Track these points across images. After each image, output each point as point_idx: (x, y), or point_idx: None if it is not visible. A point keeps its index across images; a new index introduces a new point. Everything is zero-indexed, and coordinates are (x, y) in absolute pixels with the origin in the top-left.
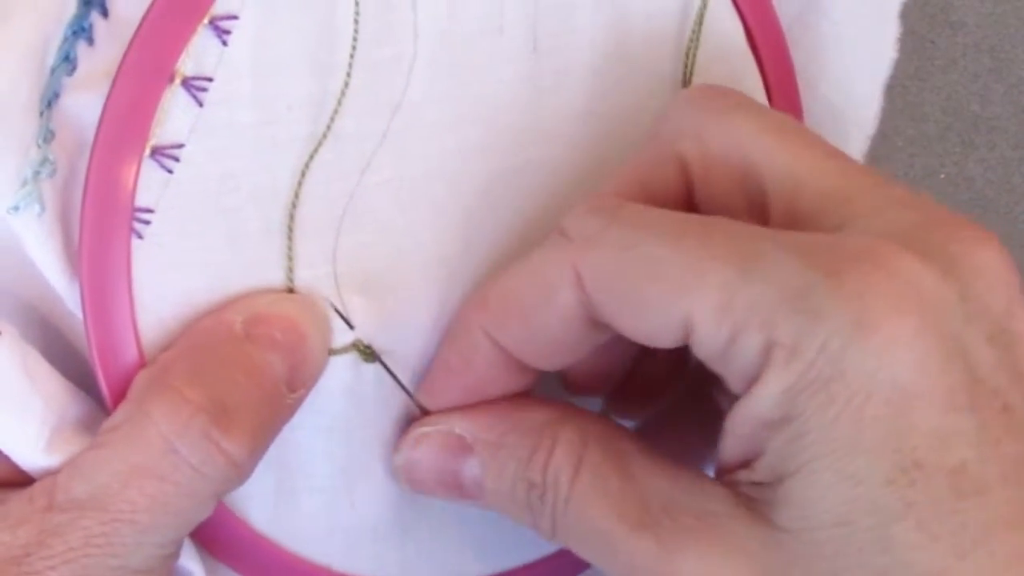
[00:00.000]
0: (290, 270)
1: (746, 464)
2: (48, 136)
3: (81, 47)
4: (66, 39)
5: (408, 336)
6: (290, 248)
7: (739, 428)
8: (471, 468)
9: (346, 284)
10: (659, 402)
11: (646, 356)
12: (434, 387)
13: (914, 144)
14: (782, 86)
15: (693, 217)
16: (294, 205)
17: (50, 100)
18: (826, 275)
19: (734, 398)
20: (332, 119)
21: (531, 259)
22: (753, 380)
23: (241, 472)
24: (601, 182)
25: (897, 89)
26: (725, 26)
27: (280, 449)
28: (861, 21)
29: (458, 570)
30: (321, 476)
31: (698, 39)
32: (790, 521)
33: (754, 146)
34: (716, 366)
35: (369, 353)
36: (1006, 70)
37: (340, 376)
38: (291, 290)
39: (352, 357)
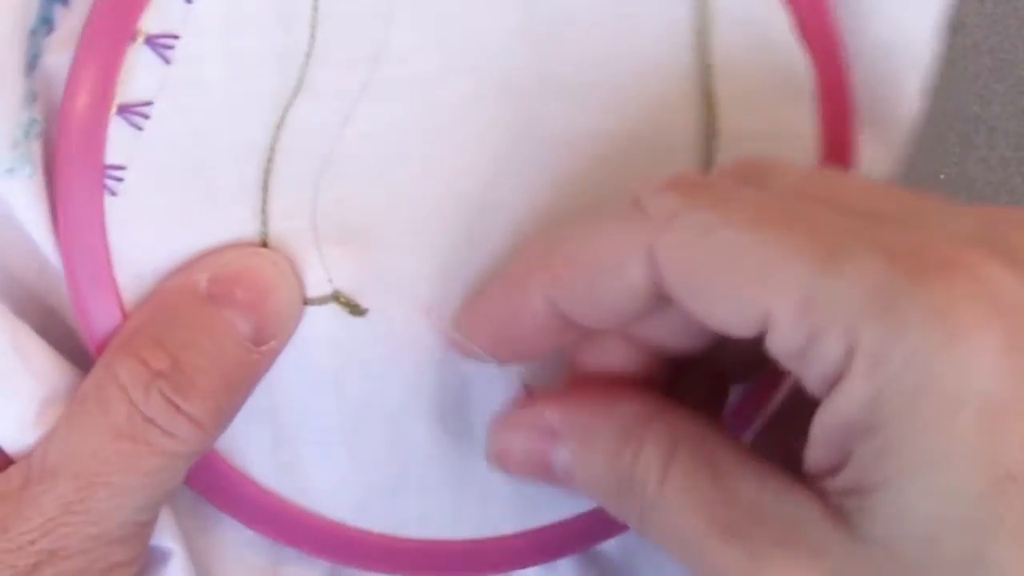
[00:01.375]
0: (264, 223)
1: (834, 471)
2: (33, 97)
3: (58, 8)
4: (43, 1)
5: (395, 288)
6: (264, 202)
7: (824, 433)
8: (561, 454)
9: (326, 236)
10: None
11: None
12: (470, 323)
13: (914, 144)
14: (816, 22)
15: (777, 201)
16: (269, 160)
17: (32, 61)
18: (912, 280)
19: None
20: (303, 72)
21: (603, 227)
22: (833, 384)
23: (208, 432)
24: (600, 136)
25: None
26: None
27: (273, 402)
28: None
29: (485, 526)
30: (315, 429)
31: None
32: (876, 533)
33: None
34: (793, 365)
35: (353, 306)
36: (1006, 70)
37: (323, 328)
38: (265, 244)
39: (334, 308)
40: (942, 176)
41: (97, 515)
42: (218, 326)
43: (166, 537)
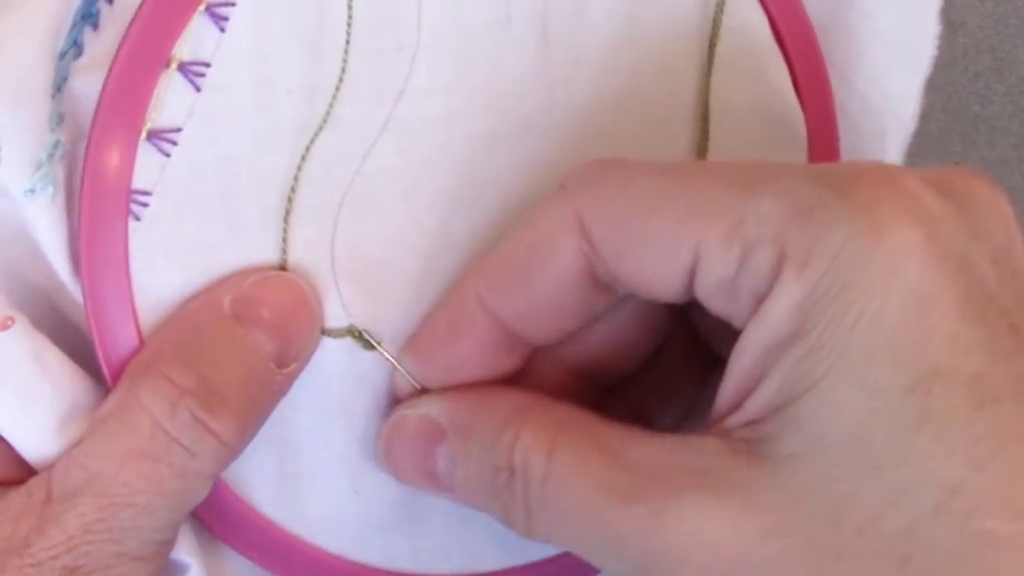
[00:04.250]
0: (284, 253)
1: (738, 405)
2: (59, 119)
3: (88, 32)
4: (75, 24)
5: (407, 324)
6: (285, 232)
7: (745, 358)
8: (444, 456)
9: (343, 269)
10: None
11: (654, 360)
12: (418, 353)
13: (914, 144)
14: (812, 80)
15: (690, 161)
16: (292, 189)
17: (60, 84)
18: (834, 189)
19: (733, 343)
20: (331, 105)
21: (530, 215)
22: (762, 301)
23: (232, 451)
24: None
25: None
26: (748, 18)
27: (281, 430)
28: (897, 14)
29: (474, 563)
30: (322, 460)
31: (719, 30)
32: (798, 446)
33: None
34: (722, 299)
35: (366, 340)
36: (1006, 70)
37: (337, 360)
38: (284, 269)
39: (349, 343)
40: None
41: (119, 534)
42: (245, 345)
43: (183, 551)
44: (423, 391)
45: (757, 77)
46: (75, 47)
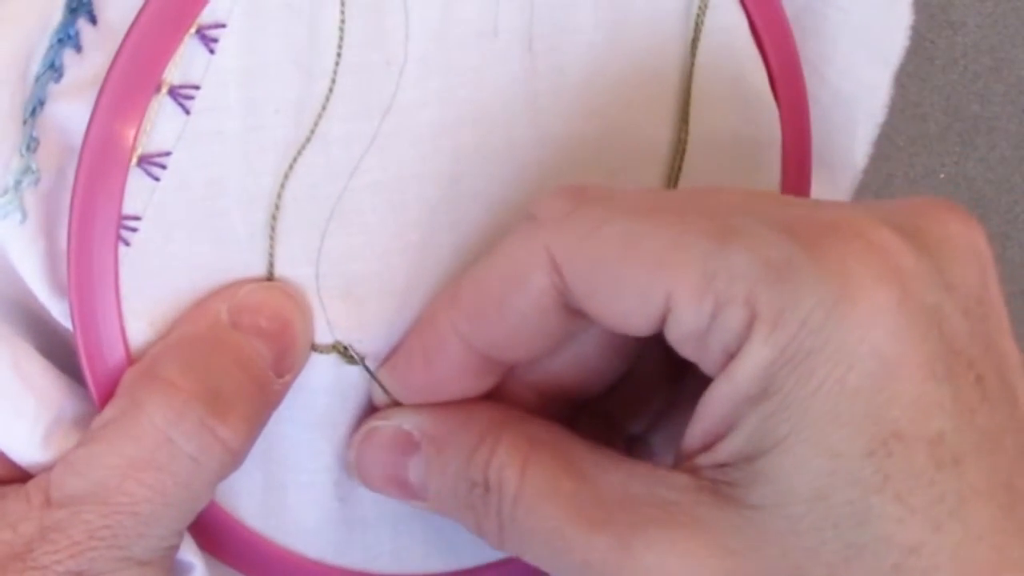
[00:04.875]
0: (271, 271)
1: (708, 447)
2: (32, 144)
3: (69, 54)
4: (52, 47)
5: (391, 339)
6: (271, 249)
7: (714, 407)
8: (416, 466)
9: (329, 286)
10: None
11: (624, 376)
12: (394, 375)
13: (914, 144)
14: (787, 77)
15: (664, 192)
16: (277, 207)
17: (34, 108)
18: (805, 247)
19: (703, 384)
20: (316, 122)
21: (501, 247)
22: (731, 356)
23: (236, 458)
24: (601, 183)
25: (897, 89)
26: (728, 20)
27: (267, 443)
28: (870, 8)
29: (451, 560)
30: (308, 472)
31: (700, 35)
32: (763, 498)
33: None
34: (692, 347)
35: (350, 356)
36: (1006, 70)
37: (323, 374)
38: None
39: (334, 358)
40: (942, 175)
41: (124, 540)
42: (245, 353)
43: (187, 551)
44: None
45: (736, 77)
46: (52, 70)
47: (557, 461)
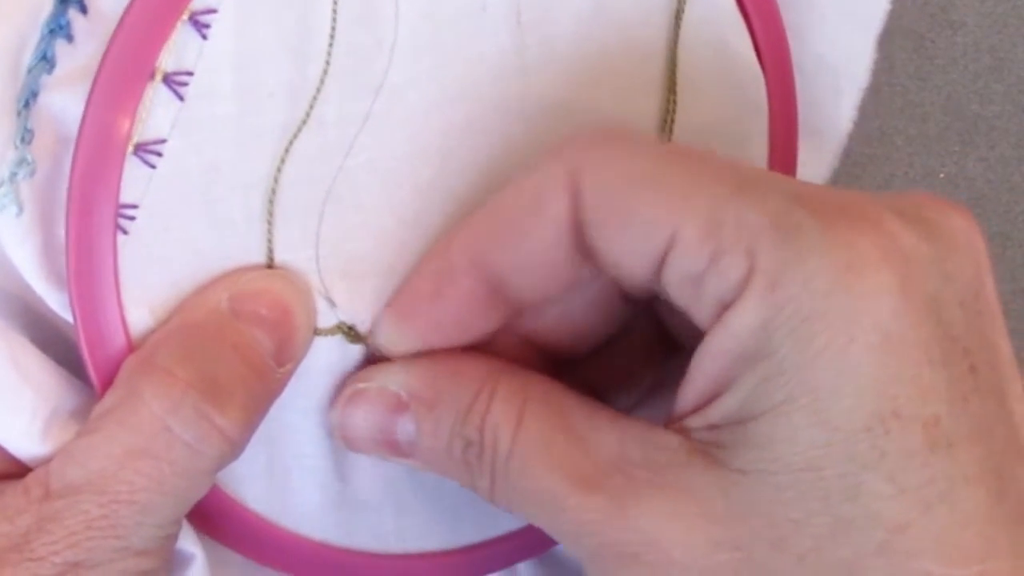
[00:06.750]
0: (270, 256)
1: (704, 406)
2: (26, 136)
3: (61, 45)
4: (43, 38)
5: None
6: (270, 234)
7: (708, 365)
8: (405, 425)
9: (329, 267)
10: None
11: (620, 338)
12: (399, 313)
13: (914, 144)
14: (772, 44)
15: (691, 146)
16: (273, 191)
17: (27, 100)
18: (815, 216)
19: (696, 338)
20: (312, 105)
21: (523, 174)
22: (726, 307)
23: (235, 447)
24: None
25: (897, 89)
26: None
27: (270, 428)
28: None
29: (455, 537)
30: (311, 456)
31: (684, 4)
32: (749, 463)
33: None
34: (687, 293)
35: (354, 334)
36: (1006, 70)
37: (326, 357)
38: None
39: (338, 339)
40: (942, 175)
41: (122, 530)
42: (245, 341)
43: (188, 541)
44: (378, 361)
45: (721, 45)
46: (44, 61)
47: (551, 419)
